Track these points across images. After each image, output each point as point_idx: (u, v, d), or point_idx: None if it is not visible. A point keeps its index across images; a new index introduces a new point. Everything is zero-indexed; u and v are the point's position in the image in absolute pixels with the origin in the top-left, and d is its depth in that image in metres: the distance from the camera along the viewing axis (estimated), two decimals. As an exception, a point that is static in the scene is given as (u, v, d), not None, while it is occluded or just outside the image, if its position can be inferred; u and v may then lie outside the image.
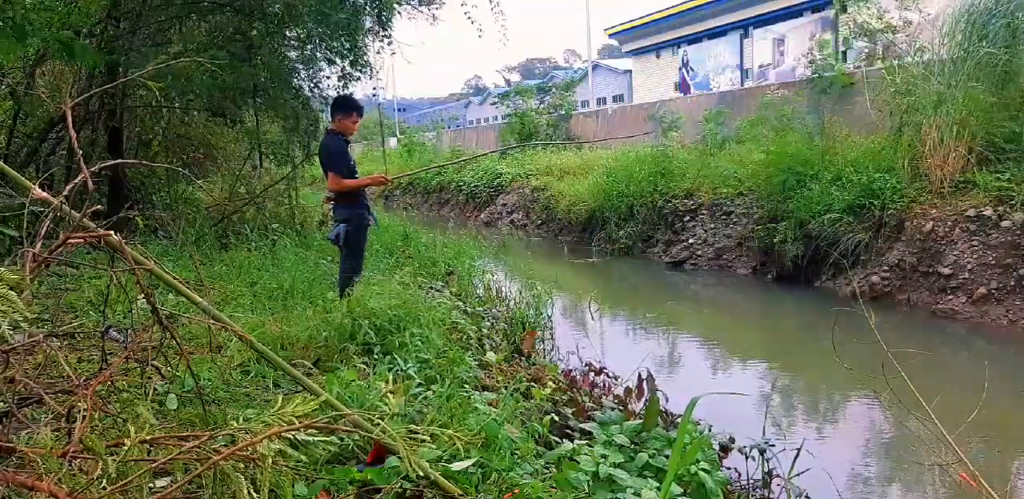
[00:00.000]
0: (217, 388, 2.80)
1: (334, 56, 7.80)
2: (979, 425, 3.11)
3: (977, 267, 6.48)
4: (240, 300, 4.51)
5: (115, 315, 3.49)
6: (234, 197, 8.72)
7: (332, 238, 4.91)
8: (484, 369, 3.69)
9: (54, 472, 1.17)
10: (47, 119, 6.85)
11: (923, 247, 6.94)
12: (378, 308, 3.66)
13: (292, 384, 2.89)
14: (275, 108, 7.69)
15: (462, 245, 8.26)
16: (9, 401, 1.76)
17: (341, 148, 4.85)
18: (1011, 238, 6.36)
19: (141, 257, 1.86)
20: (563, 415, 3.17)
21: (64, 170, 6.75)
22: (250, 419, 1.84)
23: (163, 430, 2.08)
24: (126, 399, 2.11)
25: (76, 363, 3.09)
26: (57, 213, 1.63)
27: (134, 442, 1.13)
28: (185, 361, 2.18)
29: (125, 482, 1.24)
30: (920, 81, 7.73)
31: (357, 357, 3.40)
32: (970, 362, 5.65)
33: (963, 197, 7.01)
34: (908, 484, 3.74)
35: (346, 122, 4.85)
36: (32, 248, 1.59)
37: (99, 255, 4.65)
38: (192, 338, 3.51)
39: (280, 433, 1.10)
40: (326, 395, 2.07)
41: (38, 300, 3.62)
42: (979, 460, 3.50)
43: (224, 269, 5.60)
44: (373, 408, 2.34)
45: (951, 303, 6.56)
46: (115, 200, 7.39)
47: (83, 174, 1.57)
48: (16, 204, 4.79)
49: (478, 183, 16.91)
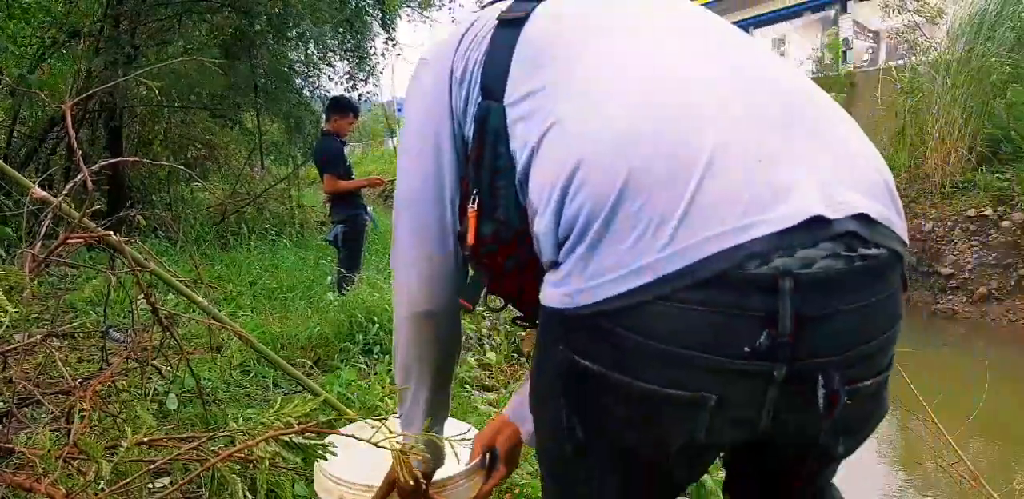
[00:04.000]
0: (217, 388, 2.80)
1: (337, 57, 7.81)
2: (979, 425, 3.11)
3: (977, 267, 6.47)
4: (240, 300, 4.51)
5: (115, 315, 3.49)
6: (234, 197, 8.73)
7: (330, 239, 4.92)
8: (484, 369, 3.69)
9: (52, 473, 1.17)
10: (46, 119, 6.85)
11: (923, 247, 6.93)
12: (378, 308, 3.66)
13: (292, 384, 2.89)
14: (275, 108, 7.69)
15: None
16: (9, 401, 1.76)
17: (338, 149, 4.86)
18: (1011, 238, 6.35)
19: (141, 257, 1.86)
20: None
21: (64, 170, 6.75)
22: (250, 419, 1.84)
23: (163, 431, 2.08)
24: (126, 399, 2.11)
25: (76, 363, 3.09)
26: (57, 212, 1.63)
27: (132, 443, 1.13)
28: (185, 361, 2.18)
29: (124, 483, 1.24)
30: (925, 81, 7.72)
31: (358, 357, 3.40)
32: (970, 362, 5.64)
33: (963, 197, 7.01)
34: (908, 484, 3.74)
35: (342, 123, 4.85)
36: (32, 248, 1.59)
37: (99, 255, 4.65)
38: (192, 338, 3.51)
39: (278, 436, 1.10)
40: (326, 395, 2.07)
41: (38, 300, 3.62)
42: (979, 460, 3.50)
43: (224, 269, 5.60)
44: (374, 408, 2.34)
45: (951, 303, 6.55)
46: (115, 200, 7.39)
47: (83, 173, 1.57)
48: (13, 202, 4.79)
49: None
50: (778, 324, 0.73)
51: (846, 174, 0.81)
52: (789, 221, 0.74)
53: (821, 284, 0.74)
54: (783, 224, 0.73)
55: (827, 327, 0.76)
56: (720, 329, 0.74)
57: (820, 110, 0.88)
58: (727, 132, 0.79)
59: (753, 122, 0.81)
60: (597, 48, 0.92)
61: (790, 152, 0.79)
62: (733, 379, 0.76)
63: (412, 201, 1.05)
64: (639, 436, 0.83)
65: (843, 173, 0.81)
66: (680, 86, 0.84)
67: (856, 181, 0.81)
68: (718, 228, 0.74)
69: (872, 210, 0.79)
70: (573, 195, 0.80)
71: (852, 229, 0.76)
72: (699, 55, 0.90)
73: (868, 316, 0.80)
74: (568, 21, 0.98)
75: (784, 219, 0.74)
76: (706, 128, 0.79)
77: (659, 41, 0.92)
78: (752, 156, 0.78)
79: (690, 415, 0.78)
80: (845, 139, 0.87)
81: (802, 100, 0.88)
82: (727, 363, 0.75)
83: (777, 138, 0.80)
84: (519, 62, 0.94)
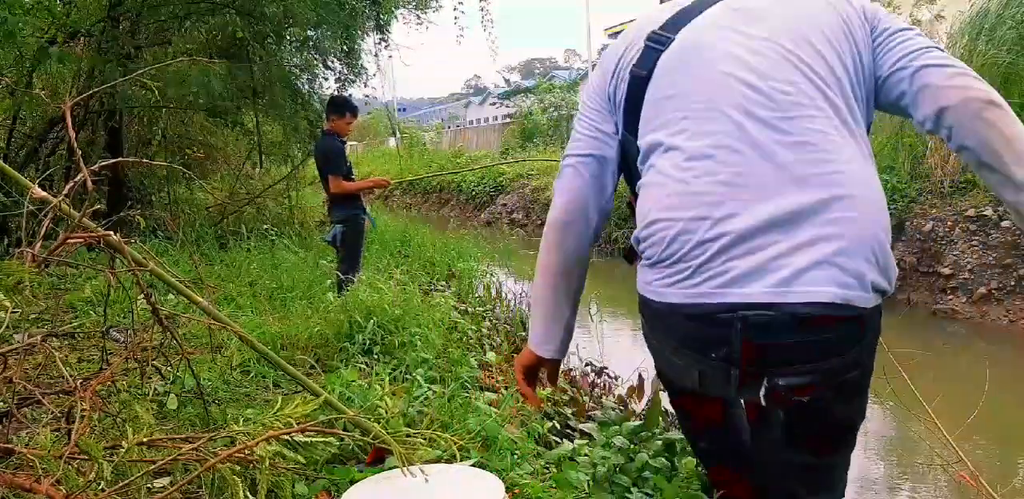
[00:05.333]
0: (217, 388, 2.80)
1: (331, 58, 7.81)
2: (979, 425, 3.11)
3: (977, 267, 6.47)
4: (240, 300, 4.51)
5: (115, 315, 3.49)
6: (234, 197, 8.73)
7: (329, 240, 4.91)
8: (484, 369, 3.69)
9: (53, 473, 1.16)
10: (46, 119, 6.85)
11: (923, 247, 6.93)
12: (377, 308, 3.66)
13: (292, 384, 2.89)
14: (275, 109, 7.69)
15: (463, 246, 8.25)
16: (9, 401, 1.76)
17: (338, 149, 4.85)
18: (1011, 238, 6.35)
19: (141, 257, 1.86)
20: (563, 415, 3.17)
21: (64, 170, 6.75)
22: (250, 420, 1.84)
23: (163, 431, 2.08)
24: (126, 399, 2.11)
25: (76, 363, 3.09)
26: (57, 213, 1.63)
27: (132, 444, 1.13)
28: (185, 361, 2.18)
29: (124, 484, 1.24)
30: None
31: (358, 357, 3.40)
32: (970, 362, 5.64)
33: (963, 197, 7.01)
34: (908, 484, 3.74)
35: (340, 123, 4.85)
36: (32, 248, 1.59)
37: (99, 255, 4.65)
38: (192, 338, 3.51)
39: (278, 436, 1.10)
40: (326, 395, 2.07)
41: (38, 300, 3.62)
42: (979, 460, 3.50)
43: (223, 269, 5.60)
44: (374, 409, 2.33)
45: (951, 303, 6.55)
46: (115, 200, 7.39)
47: (83, 173, 1.57)
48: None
49: (479, 183, 16.91)
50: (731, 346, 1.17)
51: (819, 265, 1.13)
52: (750, 298, 1.13)
53: (762, 325, 1.13)
54: (747, 299, 1.13)
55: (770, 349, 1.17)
56: (702, 342, 1.22)
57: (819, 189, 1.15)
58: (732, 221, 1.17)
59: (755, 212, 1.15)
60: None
61: (783, 244, 1.13)
62: (709, 365, 1.22)
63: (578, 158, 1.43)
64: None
65: (817, 263, 1.13)
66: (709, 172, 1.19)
67: (820, 275, 1.12)
68: (713, 287, 1.16)
69: (825, 296, 1.11)
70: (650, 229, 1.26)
71: (797, 312, 1.12)
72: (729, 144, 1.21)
73: (798, 347, 1.15)
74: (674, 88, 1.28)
75: (748, 296, 1.13)
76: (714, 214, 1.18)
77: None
78: (747, 240, 1.15)
79: (689, 374, 1.27)
80: (834, 221, 1.13)
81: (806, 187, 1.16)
82: (704, 359, 1.22)
83: (777, 234, 1.14)
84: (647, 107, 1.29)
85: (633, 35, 1.35)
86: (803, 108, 1.15)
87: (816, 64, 1.19)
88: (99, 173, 2.23)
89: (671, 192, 1.20)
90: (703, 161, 1.17)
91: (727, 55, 1.21)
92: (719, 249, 1.14)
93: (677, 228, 1.18)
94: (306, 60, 8.25)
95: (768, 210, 1.12)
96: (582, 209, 1.41)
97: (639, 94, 1.28)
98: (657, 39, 1.28)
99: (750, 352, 1.14)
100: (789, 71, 1.18)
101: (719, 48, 1.22)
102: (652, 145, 1.26)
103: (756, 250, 1.12)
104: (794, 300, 1.10)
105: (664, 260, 1.20)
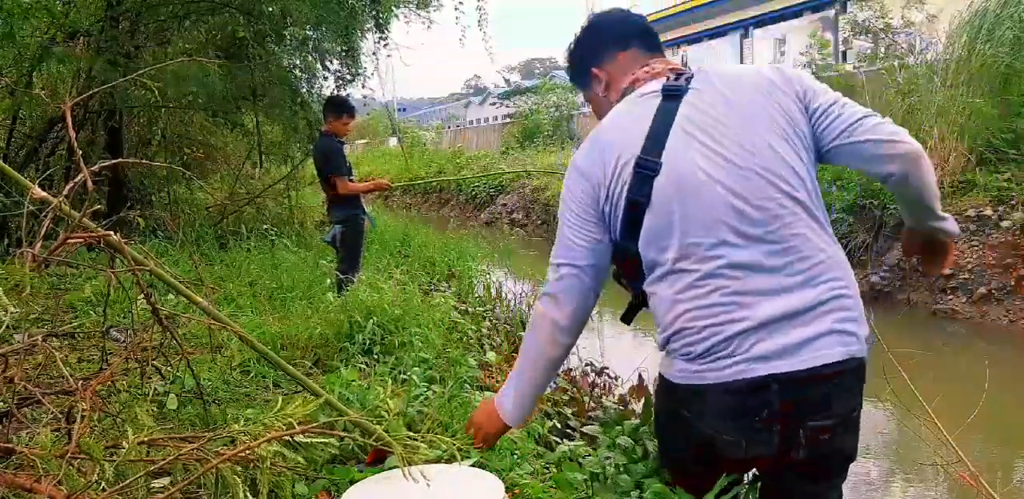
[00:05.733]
0: (217, 388, 2.80)
1: (330, 58, 7.80)
2: (979, 425, 3.11)
3: (977, 267, 6.47)
4: (240, 300, 4.51)
5: (115, 315, 3.49)
6: (234, 197, 8.73)
7: (328, 240, 4.91)
8: (484, 369, 3.69)
9: (53, 473, 1.16)
10: (46, 119, 6.84)
11: (923, 247, 6.93)
12: (377, 308, 3.66)
13: (292, 384, 2.89)
14: (274, 109, 7.69)
15: (463, 245, 8.25)
16: (9, 401, 1.76)
17: (337, 150, 4.85)
18: (1011, 238, 6.36)
19: (141, 257, 1.86)
20: (563, 415, 3.17)
21: (64, 170, 6.75)
22: (250, 420, 1.84)
23: (163, 431, 2.08)
24: (126, 399, 2.11)
25: (76, 363, 3.09)
26: (57, 213, 1.63)
27: (132, 444, 1.13)
28: (185, 361, 2.18)
29: (125, 484, 1.24)
30: (924, 81, 7.72)
31: (358, 357, 3.39)
32: (970, 362, 5.65)
33: (963, 197, 7.01)
34: (908, 484, 3.74)
35: (337, 124, 4.85)
36: (32, 248, 1.59)
37: (99, 255, 4.65)
38: (192, 338, 3.51)
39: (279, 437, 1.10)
40: (327, 395, 2.07)
41: (38, 300, 3.63)
42: (979, 460, 3.50)
43: (223, 269, 5.59)
44: (374, 409, 2.33)
45: (951, 303, 6.56)
46: (115, 200, 7.39)
47: (83, 174, 1.57)
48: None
49: (479, 183, 16.92)
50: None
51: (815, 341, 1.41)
52: (779, 369, 1.39)
53: (793, 387, 1.40)
54: (777, 370, 1.39)
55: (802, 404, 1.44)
56: (744, 410, 1.44)
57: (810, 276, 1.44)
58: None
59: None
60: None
61: (796, 324, 1.41)
62: (753, 428, 1.44)
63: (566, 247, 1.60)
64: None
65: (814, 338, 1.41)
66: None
67: (821, 345, 1.41)
68: (747, 366, 1.41)
69: (837, 356, 1.41)
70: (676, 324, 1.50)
71: (817, 372, 1.40)
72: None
73: (823, 397, 1.43)
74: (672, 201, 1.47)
75: (777, 367, 1.39)
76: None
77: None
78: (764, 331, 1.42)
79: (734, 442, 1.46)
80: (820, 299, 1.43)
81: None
82: (749, 424, 1.43)
83: (790, 318, 1.41)
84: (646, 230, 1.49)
85: (615, 152, 1.50)
86: (783, 218, 1.42)
87: (783, 171, 1.43)
88: (99, 173, 2.23)
89: (691, 307, 1.44)
90: (715, 279, 1.42)
91: (714, 182, 1.42)
92: (746, 336, 1.40)
93: (706, 332, 1.43)
94: (305, 60, 8.25)
95: (779, 304, 1.40)
96: (585, 314, 1.64)
97: (638, 217, 1.47)
98: (646, 165, 1.45)
99: (787, 407, 1.40)
100: (765, 187, 1.42)
101: (703, 175, 1.43)
102: (660, 262, 1.48)
103: (775, 332, 1.40)
104: (813, 364, 1.39)
105: (701, 355, 1.44)
